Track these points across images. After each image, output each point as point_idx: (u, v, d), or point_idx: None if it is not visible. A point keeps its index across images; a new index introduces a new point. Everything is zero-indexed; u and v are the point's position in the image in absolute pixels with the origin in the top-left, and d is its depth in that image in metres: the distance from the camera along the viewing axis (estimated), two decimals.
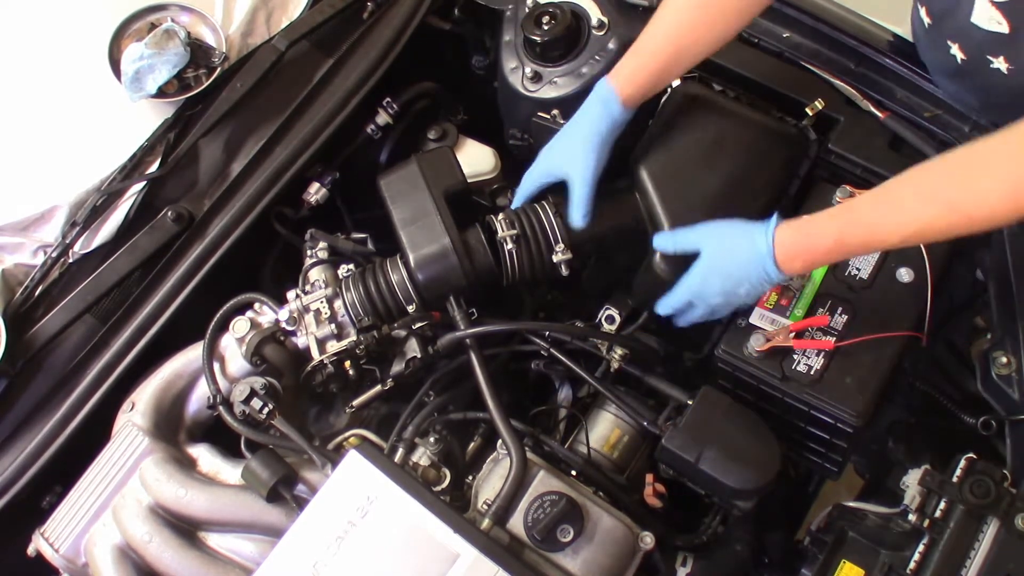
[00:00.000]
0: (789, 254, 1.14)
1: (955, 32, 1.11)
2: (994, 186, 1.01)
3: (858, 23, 1.51)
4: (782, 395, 1.25)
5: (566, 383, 1.48)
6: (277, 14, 1.65)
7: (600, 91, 1.32)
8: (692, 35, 1.29)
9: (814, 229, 1.13)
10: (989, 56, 1.09)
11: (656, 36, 1.30)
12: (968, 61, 1.12)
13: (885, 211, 1.08)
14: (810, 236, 1.13)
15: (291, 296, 1.38)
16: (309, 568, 1.09)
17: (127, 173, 1.49)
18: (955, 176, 1.03)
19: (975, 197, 1.02)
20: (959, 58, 1.12)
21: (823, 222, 1.13)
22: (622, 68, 1.32)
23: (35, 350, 1.41)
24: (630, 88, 1.30)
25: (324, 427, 1.41)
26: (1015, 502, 1.11)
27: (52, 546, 1.27)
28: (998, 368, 1.26)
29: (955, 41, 1.12)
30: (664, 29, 1.29)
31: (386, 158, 1.65)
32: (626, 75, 1.31)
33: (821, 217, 1.14)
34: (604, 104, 1.31)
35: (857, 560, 1.16)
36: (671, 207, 1.33)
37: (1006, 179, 1.00)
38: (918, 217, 1.06)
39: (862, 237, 1.11)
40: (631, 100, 1.31)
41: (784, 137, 1.42)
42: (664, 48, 1.30)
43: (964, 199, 1.03)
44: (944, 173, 1.05)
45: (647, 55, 1.30)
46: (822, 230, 1.13)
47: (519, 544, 1.15)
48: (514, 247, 1.34)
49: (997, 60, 1.09)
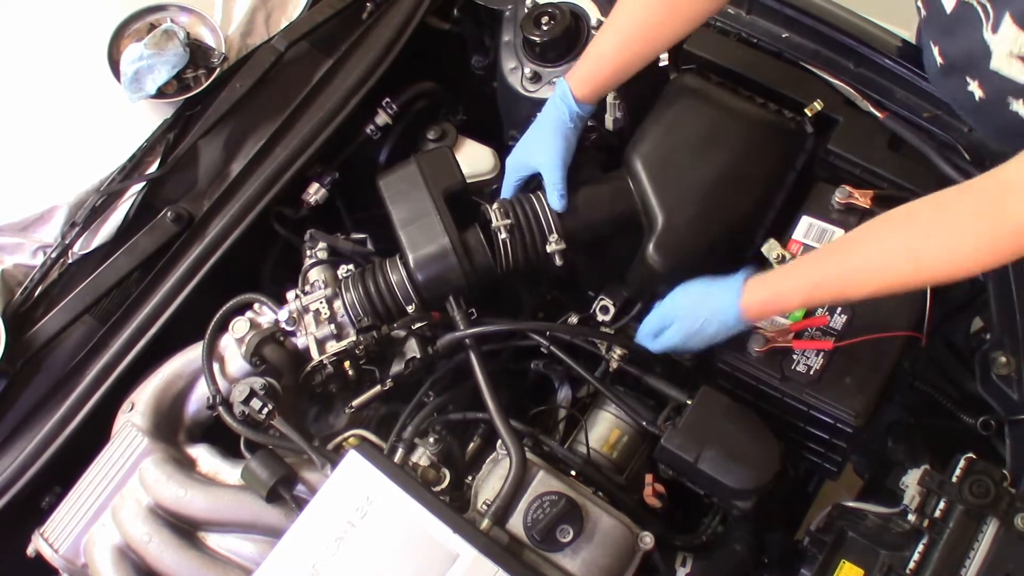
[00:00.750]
0: (756, 309, 1.18)
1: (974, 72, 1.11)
2: (961, 244, 1.01)
3: (858, 23, 1.51)
4: (781, 395, 1.25)
5: (565, 383, 1.48)
6: (276, 14, 1.65)
7: (559, 90, 1.36)
8: (641, 42, 1.32)
9: (782, 288, 1.16)
10: (1010, 97, 1.09)
11: (607, 44, 1.33)
12: (986, 100, 1.12)
13: (852, 271, 1.10)
14: (779, 295, 1.17)
15: (291, 296, 1.37)
16: (308, 568, 1.09)
17: (127, 173, 1.49)
18: (921, 235, 1.03)
19: (942, 255, 1.03)
20: (977, 95, 1.12)
21: (792, 280, 1.16)
22: (577, 71, 1.36)
23: (35, 350, 1.41)
24: (585, 88, 1.35)
25: (324, 427, 1.41)
26: (1014, 502, 1.11)
27: (52, 546, 1.27)
28: (998, 368, 1.26)
29: (974, 79, 1.12)
30: (614, 37, 1.33)
31: (385, 158, 1.65)
32: (581, 77, 1.35)
33: (790, 275, 1.16)
34: (563, 99, 1.35)
35: (856, 560, 1.16)
36: (665, 197, 1.33)
37: (973, 237, 1.00)
38: (885, 278, 1.08)
39: (830, 295, 1.16)
40: (587, 98, 1.36)
41: (781, 130, 1.43)
42: (615, 54, 1.33)
43: (931, 258, 1.04)
44: (910, 232, 1.05)
45: (599, 59, 1.34)
46: (791, 290, 1.15)
47: (518, 544, 1.15)
48: (508, 236, 1.34)
49: (1017, 103, 1.09)
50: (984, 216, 0.99)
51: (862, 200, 1.33)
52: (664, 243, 1.32)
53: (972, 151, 1.36)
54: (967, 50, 1.09)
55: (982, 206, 0.99)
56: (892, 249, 1.06)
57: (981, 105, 1.14)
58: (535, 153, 1.38)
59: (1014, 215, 0.96)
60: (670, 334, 1.26)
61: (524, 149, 1.40)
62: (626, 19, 1.31)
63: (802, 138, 1.44)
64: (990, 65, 1.07)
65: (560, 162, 1.35)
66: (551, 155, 1.35)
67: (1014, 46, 1.02)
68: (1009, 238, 0.98)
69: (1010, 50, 1.03)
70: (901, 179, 1.38)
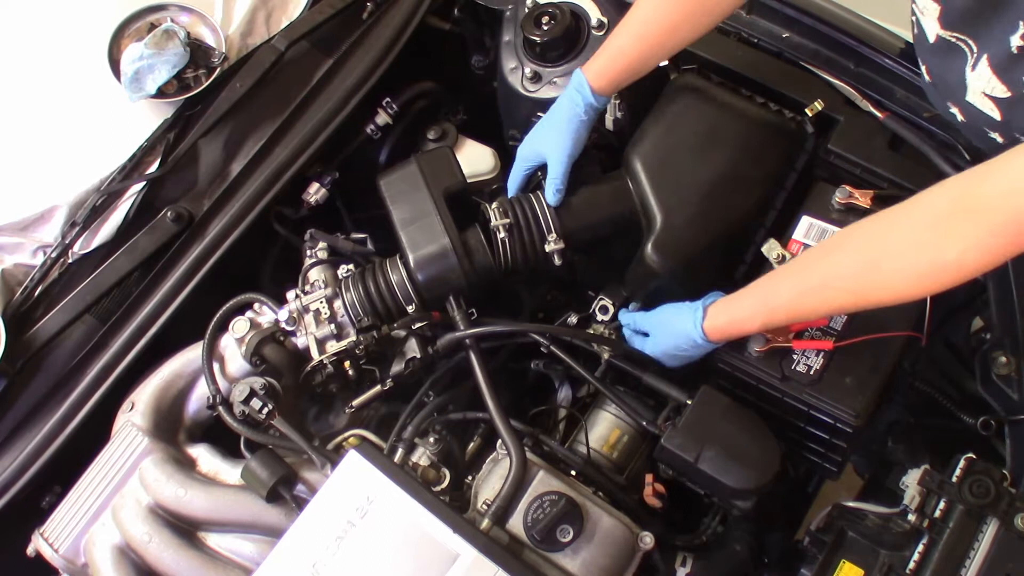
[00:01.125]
0: (718, 333, 1.22)
1: (953, 99, 1.12)
2: (901, 277, 1.02)
3: (858, 23, 1.51)
4: (782, 395, 1.25)
5: (565, 383, 1.48)
6: (277, 14, 1.65)
7: (575, 81, 1.35)
8: (659, 38, 1.32)
9: (741, 313, 1.19)
10: (986, 128, 1.10)
11: (625, 37, 1.33)
12: (967, 124, 1.13)
13: (802, 296, 1.13)
14: (738, 320, 1.20)
15: (291, 296, 1.38)
16: (309, 568, 1.09)
17: (127, 173, 1.49)
18: (865, 268, 1.05)
19: (884, 288, 1.05)
20: (959, 118, 1.14)
21: (748, 307, 1.19)
22: (594, 63, 1.35)
23: (35, 350, 1.41)
24: (601, 80, 1.34)
25: (324, 427, 1.41)
26: (1014, 502, 1.11)
27: (52, 546, 1.27)
28: (998, 368, 1.26)
29: (955, 106, 1.13)
30: (632, 31, 1.32)
31: (386, 158, 1.65)
32: (597, 69, 1.34)
33: (746, 301, 1.19)
34: (578, 89, 1.34)
35: (856, 560, 1.16)
36: (664, 197, 1.33)
37: (914, 269, 1.01)
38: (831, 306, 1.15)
39: (786, 317, 1.20)
40: (603, 91, 1.35)
41: (781, 130, 1.42)
42: (633, 48, 1.33)
43: (874, 288, 1.06)
44: (856, 263, 1.06)
45: (617, 51, 1.34)
46: (748, 315, 1.19)
47: (519, 544, 1.15)
48: (507, 235, 1.34)
49: (994, 133, 1.10)
50: (923, 250, 0.99)
51: (862, 200, 1.33)
52: (663, 243, 1.32)
53: (972, 151, 1.36)
54: (947, 80, 1.10)
55: (921, 239, 0.99)
56: (835, 279, 1.08)
57: (963, 127, 1.15)
58: (544, 143, 1.37)
59: (951, 248, 0.96)
60: (651, 345, 1.31)
61: (535, 138, 1.40)
62: (647, 13, 1.31)
63: (802, 138, 1.44)
64: (966, 97, 1.08)
65: (566, 156, 1.35)
66: (559, 147, 1.35)
67: (987, 87, 1.04)
68: (948, 271, 0.98)
69: (983, 90, 1.05)
70: (901, 179, 1.38)
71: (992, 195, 0.93)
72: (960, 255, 0.96)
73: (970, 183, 0.96)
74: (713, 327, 1.21)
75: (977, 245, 0.95)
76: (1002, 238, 0.93)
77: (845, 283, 1.07)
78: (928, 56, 1.15)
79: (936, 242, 0.97)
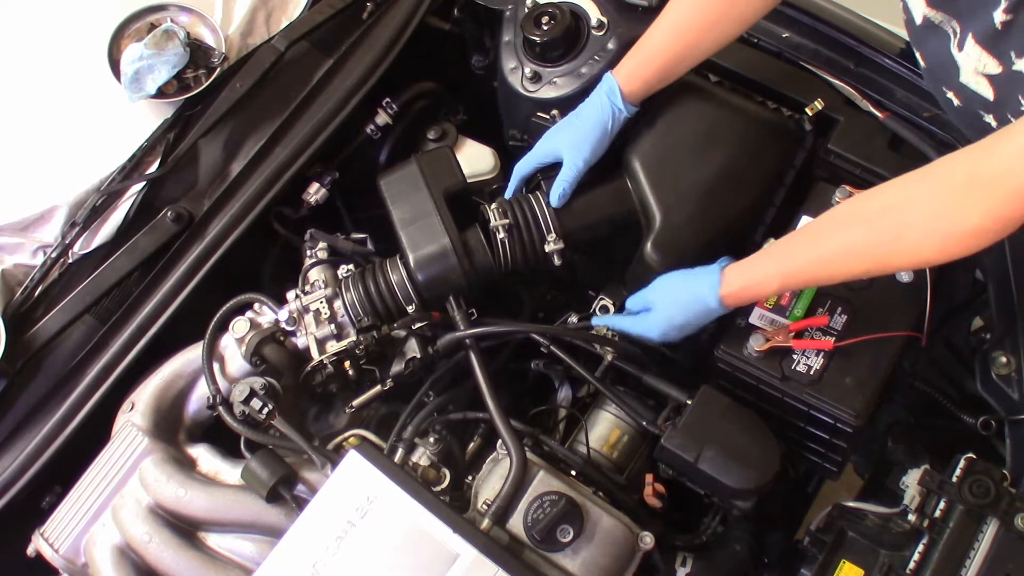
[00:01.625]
0: (733, 298, 1.21)
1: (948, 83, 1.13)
2: (923, 244, 1.04)
3: (858, 23, 1.51)
4: (782, 395, 1.25)
5: (566, 383, 1.48)
6: (277, 14, 1.65)
7: (605, 85, 1.34)
8: (696, 35, 1.31)
9: (758, 275, 1.19)
10: (981, 111, 1.10)
11: (660, 35, 1.32)
12: (962, 109, 1.14)
13: (822, 260, 1.13)
14: (755, 282, 1.19)
15: (291, 296, 1.38)
16: (309, 568, 1.09)
17: (127, 173, 1.49)
18: (886, 235, 1.05)
19: (905, 254, 1.07)
20: (954, 103, 1.14)
21: (766, 268, 1.18)
22: (626, 64, 1.34)
23: (35, 350, 1.41)
24: (634, 83, 1.33)
25: (324, 427, 1.41)
26: (1015, 502, 1.11)
27: (52, 546, 1.27)
28: (998, 368, 1.26)
29: (949, 89, 1.13)
30: (668, 28, 1.31)
31: (386, 158, 1.65)
32: (629, 71, 1.34)
33: (764, 263, 1.19)
34: (609, 97, 1.34)
35: (857, 560, 1.16)
36: (663, 196, 1.33)
37: (934, 237, 1.02)
38: (851, 271, 1.13)
39: (804, 281, 1.21)
40: (633, 96, 1.34)
41: (779, 128, 1.43)
42: (668, 47, 1.32)
43: (895, 254, 1.07)
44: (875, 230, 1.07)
45: (650, 53, 1.33)
46: (765, 277, 1.18)
47: (519, 544, 1.15)
48: (506, 236, 1.34)
49: (988, 116, 1.10)
50: (945, 217, 1.01)
51: None
52: (662, 242, 1.32)
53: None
54: (940, 62, 1.10)
55: (940, 209, 1.01)
56: (858, 245, 1.09)
57: (958, 113, 1.15)
58: (563, 143, 1.36)
59: (969, 217, 0.98)
60: (653, 319, 1.27)
61: (556, 135, 1.39)
62: (680, 14, 1.31)
63: (801, 136, 1.44)
64: (959, 78, 1.08)
65: (582, 161, 1.34)
66: (577, 151, 1.34)
67: (978, 64, 1.04)
68: (969, 237, 1.00)
69: (975, 68, 1.05)
70: None
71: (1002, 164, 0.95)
72: (978, 224, 0.98)
73: (985, 151, 0.98)
74: (729, 292, 1.20)
75: (992, 215, 0.97)
76: (1011, 208, 0.96)
77: (866, 250, 1.08)
78: (918, 40, 1.15)
79: (954, 212, 0.99)
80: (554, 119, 1.50)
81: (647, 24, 1.35)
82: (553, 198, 1.36)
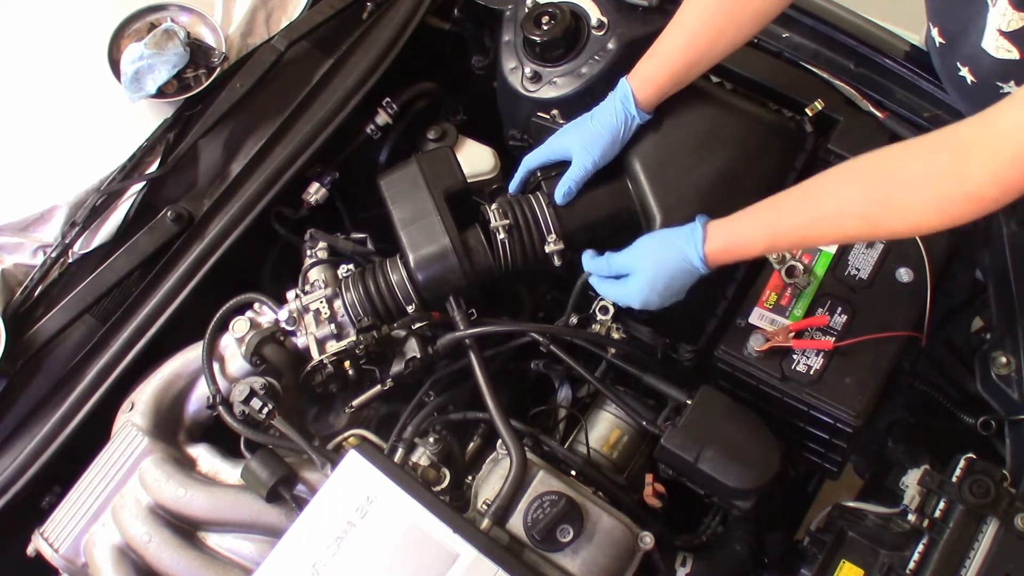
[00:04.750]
0: (717, 255, 1.18)
1: (965, 56, 1.12)
2: (918, 206, 1.02)
3: (858, 23, 1.51)
4: (782, 395, 1.25)
5: (565, 383, 1.48)
6: (277, 14, 1.65)
7: (620, 91, 1.33)
8: (709, 39, 1.30)
9: (744, 232, 1.16)
10: (999, 83, 1.09)
11: (674, 40, 1.31)
12: (978, 84, 1.12)
13: (811, 221, 1.10)
14: (741, 240, 1.17)
15: (291, 296, 1.38)
16: (309, 568, 1.09)
17: (127, 173, 1.49)
18: (879, 196, 1.03)
19: (899, 217, 1.04)
20: (969, 80, 1.13)
21: (752, 225, 1.16)
22: (639, 71, 1.33)
23: (35, 350, 1.41)
24: (647, 90, 1.32)
25: (324, 427, 1.41)
26: (1015, 502, 1.11)
27: (52, 546, 1.27)
28: (998, 368, 1.26)
29: (965, 64, 1.12)
30: (682, 33, 1.30)
31: (386, 158, 1.65)
32: (643, 77, 1.32)
33: (750, 220, 1.16)
34: (624, 102, 1.33)
35: (857, 560, 1.16)
36: (664, 198, 1.33)
37: (930, 200, 1.00)
38: (843, 232, 1.11)
39: (790, 242, 1.18)
40: (647, 102, 1.33)
41: (780, 129, 1.42)
42: (682, 52, 1.31)
43: (888, 218, 1.05)
44: (869, 191, 1.05)
45: (664, 59, 1.32)
46: (752, 235, 1.16)
47: (519, 544, 1.15)
48: (506, 236, 1.34)
49: (1008, 86, 1.09)
50: (943, 179, 0.98)
51: None
52: None
53: None
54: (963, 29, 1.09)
55: (940, 169, 0.99)
56: (850, 206, 1.06)
57: (974, 89, 1.14)
58: (575, 143, 1.35)
59: (971, 178, 0.96)
60: (633, 284, 1.24)
61: (569, 134, 1.37)
62: (693, 18, 1.30)
63: (801, 137, 1.44)
64: (981, 43, 1.07)
65: (591, 163, 1.33)
66: (587, 152, 1.33)
67: (1002, 22, 1.03)
68: (965, 201, 0.98)
69: (999, 26, 1.04)
70: None
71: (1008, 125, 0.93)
72: (979, 187, 0.96)
73: (990, 113, 0.96)
74: (713, 249, 1.17)
75: (995, 178, 0.95)
76: (1015, 171, 0.94)
77: (859, 210, 1.05)
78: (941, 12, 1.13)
79: (956, 172, 0.97)
80: (554, 119, 1.50)
81: (648, 24, 1.36)
82: (558, 195, 1.35)
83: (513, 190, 1.43)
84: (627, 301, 1.27)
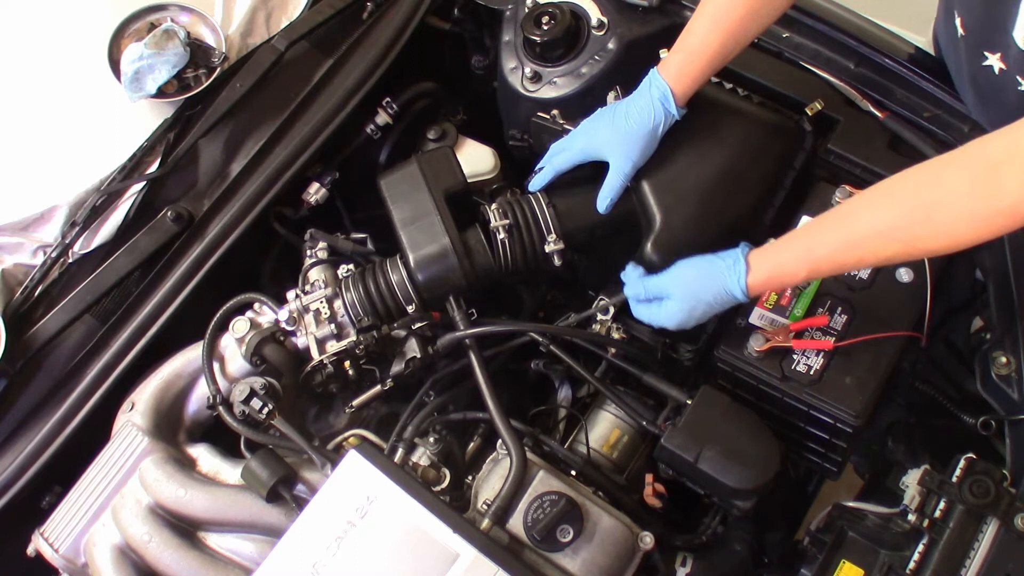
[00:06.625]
0: (760, 286, 1.17)
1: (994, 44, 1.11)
2: (957, 224, 1.02)
3: (858, 23, 1.51)
4: (782, 395, 1.25)
5: (565, 383, 1.48)
6: (277, 14, 1.65)
7: (657, 89, 1.30)
8: (737, 26, 1.28)
9: (786, 262, 1.16)
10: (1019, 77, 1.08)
11: (702, 30, 1.29)
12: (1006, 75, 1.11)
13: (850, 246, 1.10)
14: (783, 270, 1.16)
15: (291, 296, 1.38)
16: (309, 568, 1.09)
17: (127, 173, 1.49)
18: (918, 216, 1.04)
19: (938, 235, 1.04)
20: (997, 68, 1.12)
21: (793, 253, 1.15)
22: (671, 65, 1.30)
23: (35, 350, 1.41)
24: (683, 83, 1.30)
25: (324, 427, 1.41)
26: (1015, 502, 1.11)
27: (52, 546, 1.27)
28: (998, 368, 1.26)
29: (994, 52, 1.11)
30: (710, 22, 1.28)
31: (386, 158, 1.65)
32: (678, 70, 1.30)
33: (790, 249, 1.16)
34: (663, 102, 1.30)
35: (857, 560, 1.16)
36: (663, 197, 1.33)
37: (968, 217, 1.00)
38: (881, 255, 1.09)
39: (831, 268, 1.16)
40: (683, 96, 1.31)
41: (779, 129, 1.42)
42: (712, 42, 1.28)
43: (927, 237, 1.05)
44: (906, 211, 1.05)
45: (695, 50, 1.29)
46: (793, 264, 1.15)
47: (519, 544, 1.15)
48: (506, 236, 1.34)
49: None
50: (979, 196, 0.99)
51: None
52: (662, 242, 1.32)
53: None
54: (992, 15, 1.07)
55: (975, 186, 0.99)
56: (887, 228, 1.06)
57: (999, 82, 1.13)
58: (611, 148, 1.32)
59: (1007, 195, 0.97)
60: (670, 308, 1.23)
61: (600, 139, 1.33)
62: (718, 7, 1.28)
63: (801, 137, 1.44)
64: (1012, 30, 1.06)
65: (631, 166, 1.31)
66: (626, 157, 1.30)
67: None
68: (1001, 217, 0.99)
69: None
70: None
71: None
72: (1015, 202, 0.96)
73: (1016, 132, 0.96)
74: (756, 280, 1.16)
75: None
76: None
77: (897, 232, 1.05)
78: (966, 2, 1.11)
79: (990, 189, 0.97)
80: (554, 119, 1.49)
81: (648, 24, 1.35)
82: (601, 206, 1.33)
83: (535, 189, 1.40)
84: (661, 323, 1.26)
